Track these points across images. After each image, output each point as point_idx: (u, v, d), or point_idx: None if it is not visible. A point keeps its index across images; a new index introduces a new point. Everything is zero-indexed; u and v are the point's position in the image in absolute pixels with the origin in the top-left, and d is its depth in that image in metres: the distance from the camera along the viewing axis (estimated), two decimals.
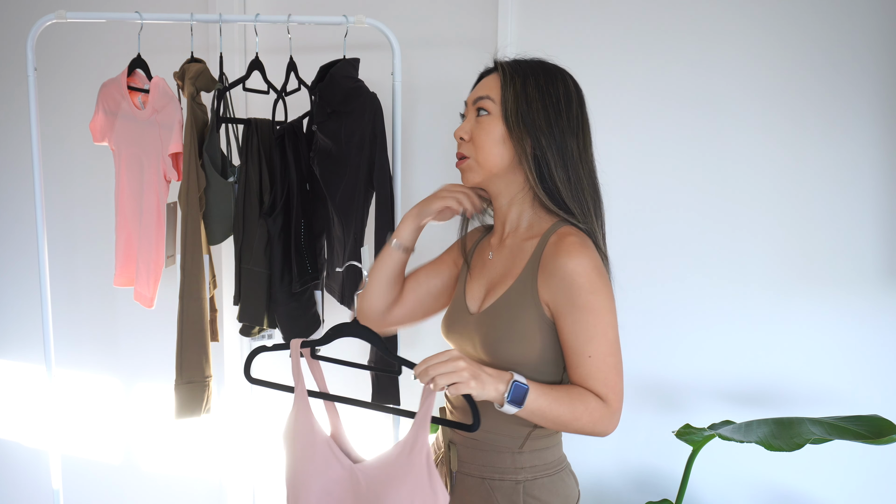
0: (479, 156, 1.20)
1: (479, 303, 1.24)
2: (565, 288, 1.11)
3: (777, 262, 1.73)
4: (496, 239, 1.28)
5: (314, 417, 1.19)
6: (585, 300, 1.11)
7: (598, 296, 1.12)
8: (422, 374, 1.04)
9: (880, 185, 1.65)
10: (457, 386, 1.03)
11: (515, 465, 1.19)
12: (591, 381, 1.12)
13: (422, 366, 1.05)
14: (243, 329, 1.85)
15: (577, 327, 1.11)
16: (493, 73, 1.23)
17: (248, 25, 2.08)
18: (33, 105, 1.76)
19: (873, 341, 1.68)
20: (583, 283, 1.11)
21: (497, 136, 1.18)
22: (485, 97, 1.20)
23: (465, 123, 1.23)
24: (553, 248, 1.14)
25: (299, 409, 1.20)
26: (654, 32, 1.76)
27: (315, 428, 1.18)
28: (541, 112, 1.16)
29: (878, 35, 1.62)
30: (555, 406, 1.09)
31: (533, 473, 1.20)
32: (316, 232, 1.82)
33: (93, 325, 2.37)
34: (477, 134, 1.20)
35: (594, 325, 1.11)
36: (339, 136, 1.68)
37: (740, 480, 1.81)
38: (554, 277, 1.12)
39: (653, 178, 1.80)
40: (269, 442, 2.28)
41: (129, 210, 1.87)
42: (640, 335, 1.82)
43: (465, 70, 1.91)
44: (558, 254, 1.12)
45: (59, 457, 1.88)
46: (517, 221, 1.24)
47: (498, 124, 1.18)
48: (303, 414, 1.19)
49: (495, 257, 1.25)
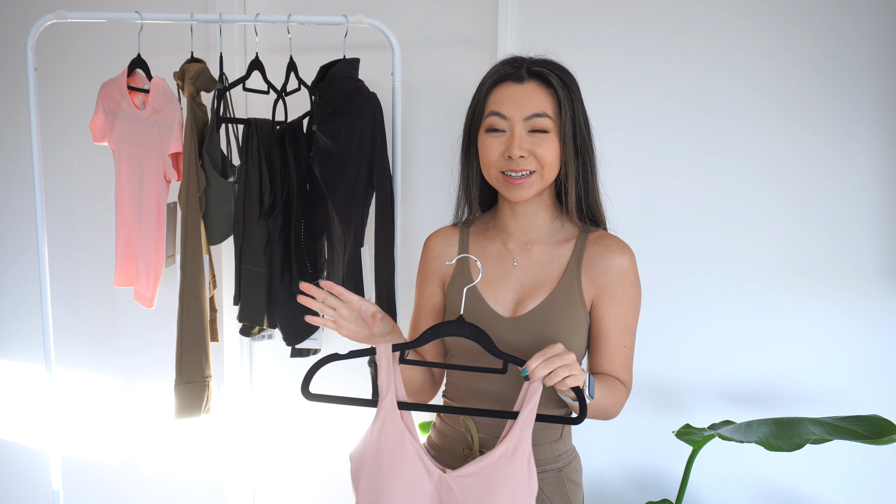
0: (546, 173, 1.19)
1: (510, 307, 1.24)
2: (614, 282, 1.22)
3: (777, 262, 1.73)
4: (515, 245, 1.27)
5: (405, 428, 1.10)
6: (631, 294, 1.23)
7: (638, 290, 1.25)
8: (538, 370, 1.02)
9: (880, 184, 1.65)
10: (573, 378, 1.03)
11: (555, 453, 1.25)
12: (621, 370, 1.24)
13: (536, 362, 1.03)
14: (243, 329, 1.85)
15: (619, 319, 1.22)
16: (530, 80, 1.19)
17: (248, 25, 2.08)
18: (33, 105, 1.76)
19: (873, 341, 1.68)
20: (632, 277, 1.23)
21: (557, 154, 1.19)
22: (542, 114, 1.17)
23: (520, 139, 1.17)
24: (598, 246, 1.23)
25: (387, 421, 1.10)
26: (654, 32, 1.76)
27: (405, 439, 1.10)
28: (587, 132, 1.22)
29: (878, 35, 1.62)
30: (601, 395, 1.16)
31: (567, 459, 1.28)
32: (316, 232, 1.82)
33: (93, 325, 2.37)
34: (540, 152, 1.17)
35: (633, 317, 1.24)
36: (339, 136, 1.68)
37: (740, 480, 1.81)
38: (604, 273, 1.21)
39: (652, 177, 1.80)
40: (268, 442, 2.28)
41: (129, 210, 1.87)
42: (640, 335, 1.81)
43: (465, 70, 1.91)
44: (610, 251, 1.22)
45: (59, 457, 1.88)
46: (545, 228, 1.27)
47: (556, 142, 1.18)
48: (391, 425, 1.10)
49: (521, 263, 1.26)
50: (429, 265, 1.34)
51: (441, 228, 1.36)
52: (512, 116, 1.18)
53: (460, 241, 1.31)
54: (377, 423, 1.10)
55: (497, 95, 1.20)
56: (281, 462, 2.27)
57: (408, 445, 1.09)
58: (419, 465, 1.08)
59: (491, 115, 1.19)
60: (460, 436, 1.26)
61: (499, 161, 1.19)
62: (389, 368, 1.10)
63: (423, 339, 1.12)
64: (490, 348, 1.10)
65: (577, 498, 1.28)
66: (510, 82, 1.19)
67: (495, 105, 1.19)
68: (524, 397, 1.06)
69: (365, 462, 1.11)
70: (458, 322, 1.11)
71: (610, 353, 1.23)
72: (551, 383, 1.03)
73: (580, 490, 1.30)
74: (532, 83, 1.18)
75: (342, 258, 1.74)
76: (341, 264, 1.75)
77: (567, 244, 1.25)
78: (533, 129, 1.17)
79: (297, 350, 1.90)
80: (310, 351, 1.93)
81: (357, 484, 1.12)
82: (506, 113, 1.18)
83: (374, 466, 1.10)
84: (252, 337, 1.86)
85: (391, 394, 1.10)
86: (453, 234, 1.33)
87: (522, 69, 1.19)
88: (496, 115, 1.19)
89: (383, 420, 1.10)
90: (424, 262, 1.35)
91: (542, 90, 1.18)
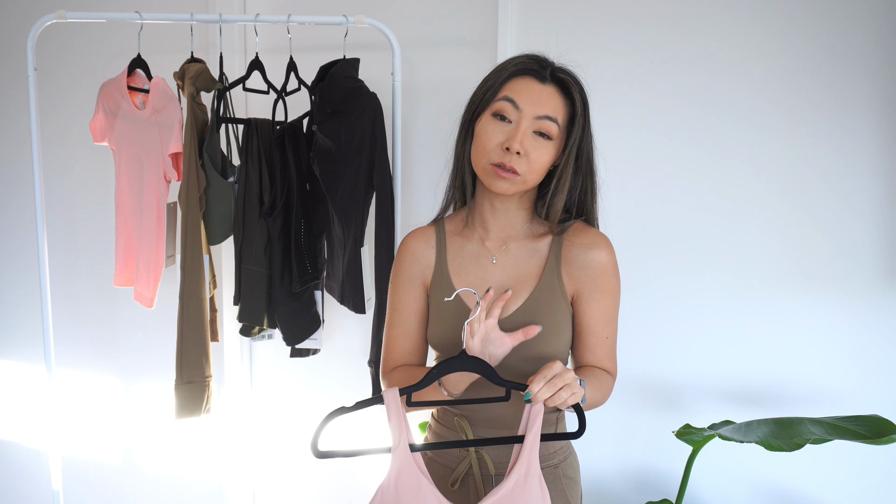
0: (531, 176, 1.17)
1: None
2: (595, 275, 1.21)
3: (777, 262, 1.73)
4: (493, 243, 1.25)
5: (420, 473, 1.07)
6: (611, 286, 1.23)
7: (618, 281, 1.24)
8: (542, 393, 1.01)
9: (880, 184, 1.65)
10: (574, 396, 1.03)
11: (550, 450, 1.25)
12: (605, 360, 1.24)
13: (539, 385, 1.02)
14: (243, 329, 1.85)
15: (601, 311, 1.22)
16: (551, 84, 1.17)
17: (248, 25, 2.08)
18: (33, 105, 1.76)
19: (873, 341, 1.68)
20: (611, 270, 1.22)
21: (549, 161, 1.17)
22: (553, 119, 1.15)
23: (520, 136, 1.14)
24: (575, 240, 1.23)
25: (402, 470, 1.06)
26: (655, 32, 1.76)
27: (423, 485, 1.06)
28: (592, 149, 1.22)
29: (878, 35, 1.62)
30: (591, 391, 1.15)
31: (562, 455, 1.27)
32: (316, 232, 1.82)
33: (93, 325, 2.37)
34: (534, 156, 1.15)
35: (614, 308, 1.24)
36: (339, 136, 1.68)
37: (740, 480, 1.81)
38: (584, 268, 1.21)
39: (652, 177, 1.80)
40: (268, 442, 2.28)
41: (129, 210, 1.87)
42: (640, 335, 1.82)
43: (465, 70, 1.91)
44: (587, 246, 1.22)
45: (59, 457, 1.88)
46: (522, 224, 1.25)
47: (553, 150, 1.17)
48: (406, 474, 1.06)
49: (500, 261, 1.24)
50: (408, 267, 1.27)
51: (417, 229, 1.32)
52: (525, 110, 1.15)
53: (437, 240, 1.28)
54: (392, 472, 1.07)
55: (515, 85, 1.17)
56: (281, 462, 2.27)
57: (426, 491, 1.06)
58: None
59: (503, 100, 1.16)
60: (455, 437, 1.26)
61: (495, 151, 1.15)
62: (399, 415, 1.07)
63: (429, 379, 1.09)
64: (494, 379, 1.09)
65: (573, 494, 1.27)
66: (532, 78, 1.17)
67: (511, 93, 1.16)
68: (527, 420, 1.05)
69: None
70: (461, 357, 1.09)
71: (594, 345, 1.23)
72: (554, 405, 1.02)
73: (577, 486, 1.30)
74: (553, 87, 1.16)
75: (342, 258, 1.74)
76: (341, 264, 1.76)
77: (544, 239, 1.24)
78: (539, 130, 1.15)
79: (297, 350, 1.90)
80: (309, 351, 1.93)
81: None
82: (520, 104, 1.15)
83: None
84: (252, 337, 1.86)
85: (403, 441, 1.07)
86: (430, 233, 1.29)
87: (547, 70, 1.18)
88: (508, 102, 1.15)
89: (398, 469, 1.07)
90: (403, 265, 1.28)
91: (560, 97, 1.17)
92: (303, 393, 2.21)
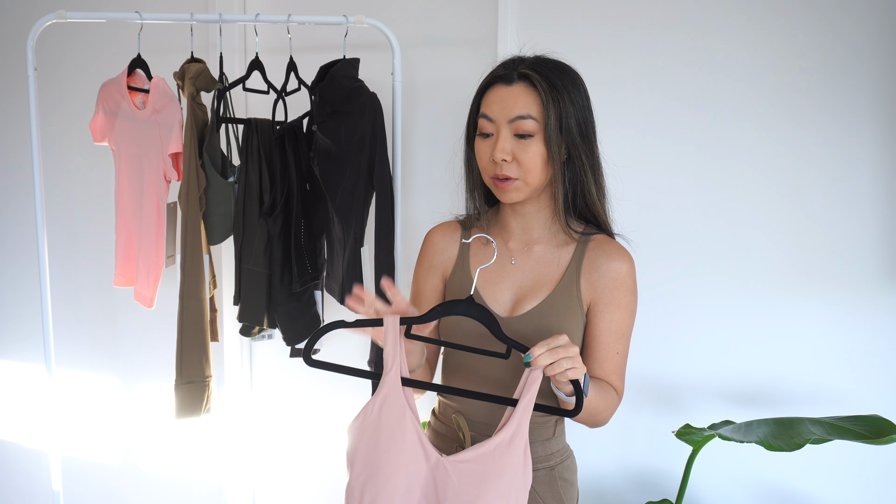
0: (529, 178, 1.17)
1: (508, 306, 1.24)
2: (612, 287, 1.21)
3: (777, 262, 1.73)
4: (516, 244, 1.27)
5: (407, 404, 1.07)
6: (627, 300, 1.22)
7: (634, 298, 1.24)
8: (542, 358, 1.01)
9: (880, 184, 1.65)
10: (574, 370, 1.02)
11: (547, 452, 1.25)
12: (613, 376, 1.23)
13: (541, 350, 1.01)
14: (243, 329, 1.85)
15: (614, 325, 1.22)
16: (519, 83, 1.16)
17: (248, 25, 2.08)
18: (33, 105, 1.76)
19: (873, 341, 1.68)
20: (629, 284, 1.22)
21: (543, 157, 1.16)
22: (526, 116, 1.14)
23: (503, 142, 1.15)
24: (598, 251, 1.23)
25: (390, 395, 1.07)
26: (655, 32, 1.76)
27: (406, 416, 1.06)
28: (580, 134, 1.18)
29: (878, 35, 1.62)
30: (595, 396, 1.15)
31: (560, 458, 1.27)
32: (316, 232, 1.82)
33: (93, 325, 2.37)
34: (524, 157, 1.15)
35: (628, 324, 1.23)
36: (339, 136, 1.68)
37: (740, 480, 1.81)
38: (603, 277, 1.21)
39: (653, 178, 1.80)
40: (268, 442, 2.28)
41: (129, 210, 1.87)
42: (640, 335, 1.81)
43: (465, 70, 1.91)
44: (610, 256, 1.22)
45: (59, 457, 1.88)
46: (545, 229, 1.27)
47: (542, 145, 1.16)
48: (393, 399, 1.06)
49: (520, 263, 1.26)
50: (431, 258, 1.33)
51: (444, 223, 1.36)
52: (498, 119, 1.16)
53: (462, 236, 1.32)
54: (379, 396, 1.07)
55: (487, 98, 1.19)
56: (281, 462, 2.27)
57: (408, 423, 1.06)
58: (418, 444, 1.07)
59: (481, 117, 1.19)
60: (453, 433, 1.27)
61: (489, 166, 1.19)
62: (396, 342, 1.07)
63: (433, 314, 1.08)
64: (496, 332, 1.08)
65: (570, 496, 1.28)
66: (500, 84, 1.18)
67: (484, 107, 1.19)
68: (524, 385, 1.05)
69: (363, 436, 1.08)
70: (467, 302, 1.08)
71: (602, 358, 1.22)
72: (553, 373, 1.02)
73: (574, 489, 1.30)
74: (520, 85, 1.16)
75: (342, 258, 1.74)
76: (341, 264, 1.75)
77: (568, 247, 1.25)
78: (518, 132, 1.15)
79: (297, 350, 1.90)
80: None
81: (353, 459, 1.09)
82: (492, 115, 1.17)
83: (373, 441, 1.07)
84: (252, 337, 1.86)
85: (395, 368, 1.07)
86: (455, 228, 1.33)
87: (514, 71, 1.17)
88: (483, 118, 1.19)
89: (386, 394, 1.07)
90: (426, 254, 1.34)
91: (529, 92, 1.15)
92: (303, 393, 2.21)
